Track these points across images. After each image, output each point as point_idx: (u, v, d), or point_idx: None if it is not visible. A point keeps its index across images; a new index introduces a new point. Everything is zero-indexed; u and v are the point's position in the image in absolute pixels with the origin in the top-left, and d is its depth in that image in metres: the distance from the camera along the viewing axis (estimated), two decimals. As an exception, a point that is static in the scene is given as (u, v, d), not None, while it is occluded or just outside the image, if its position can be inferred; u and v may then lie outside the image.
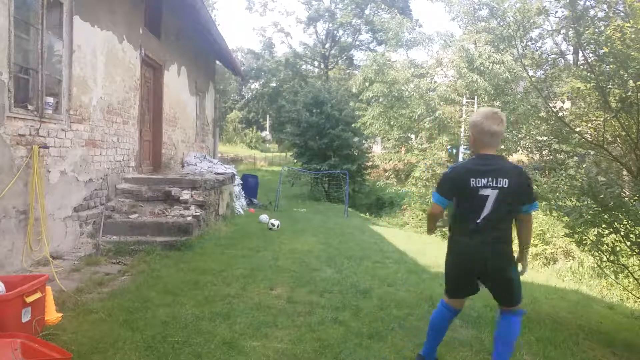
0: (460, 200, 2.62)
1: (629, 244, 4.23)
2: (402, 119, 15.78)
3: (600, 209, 4.12)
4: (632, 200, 4.01)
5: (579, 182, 4.35)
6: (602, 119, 4.80)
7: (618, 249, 4.33)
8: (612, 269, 4.66)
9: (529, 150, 6.34)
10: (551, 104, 5.61)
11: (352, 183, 18.62)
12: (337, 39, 38.64)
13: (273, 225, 8.34)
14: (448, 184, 2.66)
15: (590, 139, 5.03)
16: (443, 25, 53.79)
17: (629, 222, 4.06)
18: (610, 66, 4.33)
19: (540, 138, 5.92)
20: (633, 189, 4.31)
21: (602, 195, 3.97)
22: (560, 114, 5.28)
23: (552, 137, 5.45)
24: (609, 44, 4.08)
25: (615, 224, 4.12)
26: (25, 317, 2.86)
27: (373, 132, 18.39)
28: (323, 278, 4.94)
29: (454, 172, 2.66)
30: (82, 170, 5.61)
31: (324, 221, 10.90)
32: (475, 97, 14.32)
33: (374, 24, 23.97)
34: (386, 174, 21.41)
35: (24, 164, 4.41)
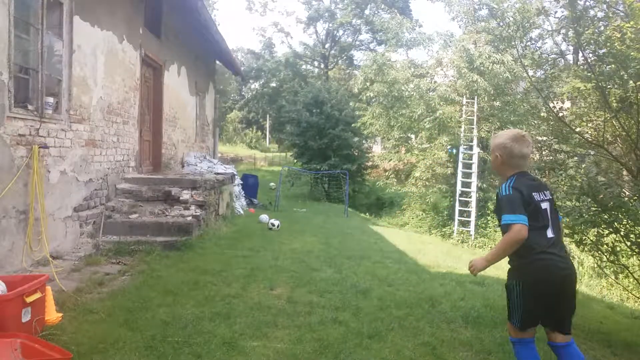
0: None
1: (629, 244, 4.23)
2: (402, 119, 15.75)
3: (600, 209, 4.11)
4: (632, 200, 4.01)
5: (579, 182, 4.35)
6: (602, 119, 4.80)
7: (618, 249, 4.33)
8: (612, 269, 4.67)
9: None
10: (551, 104, 5.61)
11: (352, 183, 18.63)
12: (337, 39, 38.65)
13: (273, 225, 8.35)
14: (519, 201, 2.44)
15: (590, 139, 5.03)
16: (443, 25, 53.76)
17: (629, 222, 4.06)
18: (610, 66, 4.33)
19: (540, 138, 5.93)
20: (633, 189, 4.31)
21: (601, 196, 3.97)
22: (560, 114, 5.28)
23: (552, 137, 5.45)
24: (608, 44, 4.09)
25: (615, 224, 4.12)
26: (25, 317, 2.86)
27: (373, 132, 18.37)
28: (323, 278, 4.94)
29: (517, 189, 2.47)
30: (82, 170, 5.61)
31: (324, 221, 10.90)
32: (475, 97, 14.30)
33: (374, 24, 23.99)
34: (386, 174, 21.39)
35: (24, 164, 4.41)
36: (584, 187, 4.19)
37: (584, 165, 4.84)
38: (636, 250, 4.27)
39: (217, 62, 14.25)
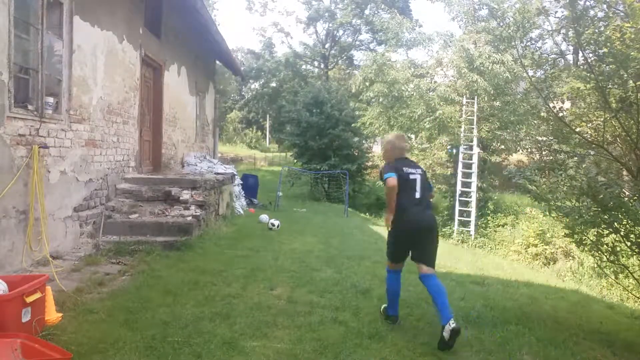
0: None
1: (629, 244, 4.22)
2: (402, 119, 15.75)
3: (600, 209, 4.11)
4: (632, 200, 4.00)
5: (579, 183, 4.35)
6: (602, 119, 4.80)
7: (618, 249, 4.33)
8: (612, 269, 4.66)
9: (529, 150, 6.35)
10: (551, 104, 5.61)
11: (352, 183, 18.61)
12: (337, 39, 38.62)
13: (273, 225, 8.35)
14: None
15: (590, 139, 5.02)
16: (443, 25, 53.76)
17: (629, 222, 4.06)
18: (610, 66, 4.32)
19: (540, 138, 5.92)
20: (633, 189, 4.31)
21: (601, 196, 3.97)
22: (560, 114, 5.28)
23: (552, 138, 5.45)
24: (608, 44, 4.08)
25: (615, 224, 4.12)
26: (25, 317, 2.86)
27: (373, 132, 18.37)
28: (323, 278, 4.94)
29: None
30: (82, 170, 5.61)
31: (324, 221, 10.90)
32: (475, 97, 14.31)
33: (374, 24, 23.92)
34: (386, 174, 21.33)
35: (24, 164, 4.41)
36: (584, 187, 4.18)
37: (584, 166, 4.84)
38: (636, 250, 4.26)
39: (217, 62, 14.25)
